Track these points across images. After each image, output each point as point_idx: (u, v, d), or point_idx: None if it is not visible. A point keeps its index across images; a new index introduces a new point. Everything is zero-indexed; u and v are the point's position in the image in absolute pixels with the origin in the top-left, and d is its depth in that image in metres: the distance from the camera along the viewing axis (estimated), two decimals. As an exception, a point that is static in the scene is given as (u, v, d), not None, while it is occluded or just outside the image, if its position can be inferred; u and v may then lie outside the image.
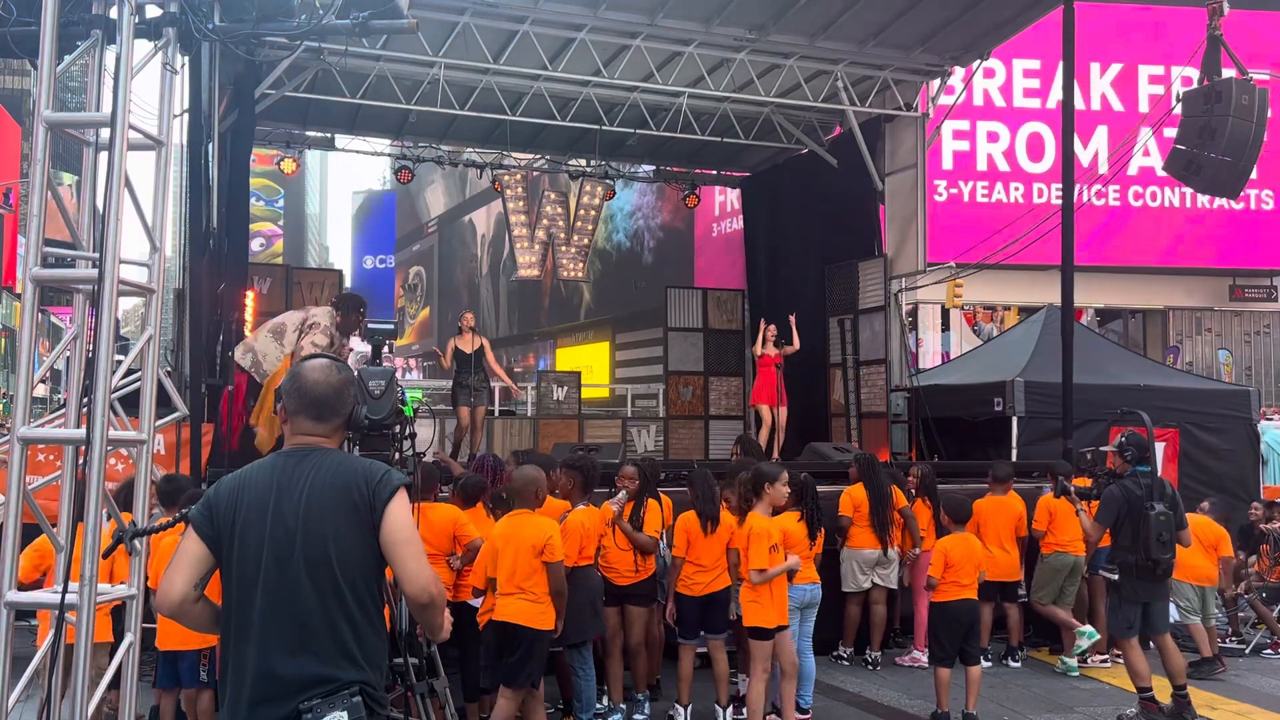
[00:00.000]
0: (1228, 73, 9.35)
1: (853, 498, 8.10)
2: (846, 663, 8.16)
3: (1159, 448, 11.41)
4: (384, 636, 2.78)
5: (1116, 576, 6.94)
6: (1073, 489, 7.47)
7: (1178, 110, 9.71)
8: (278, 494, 2.68)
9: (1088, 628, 7.94)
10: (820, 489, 6.91)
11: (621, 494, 6.54)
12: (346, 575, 2.63)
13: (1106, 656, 8.27)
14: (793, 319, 12.15)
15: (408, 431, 4.27)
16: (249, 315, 10.67)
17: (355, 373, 4.29)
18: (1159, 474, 7.05)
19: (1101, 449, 7.35)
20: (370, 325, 4.72)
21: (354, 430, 2.99)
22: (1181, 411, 11.60)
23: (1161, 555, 6.57)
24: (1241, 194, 11.37)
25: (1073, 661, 8.04)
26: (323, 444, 2.81)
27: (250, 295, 11.00)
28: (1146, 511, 6.60)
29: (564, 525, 6.37)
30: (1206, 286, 22.24)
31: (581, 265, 15.66)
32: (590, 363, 31.65)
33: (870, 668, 8.06)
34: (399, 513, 2.68)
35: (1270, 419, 14.80)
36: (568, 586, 6.21)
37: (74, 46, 4.55)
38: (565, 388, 15.65)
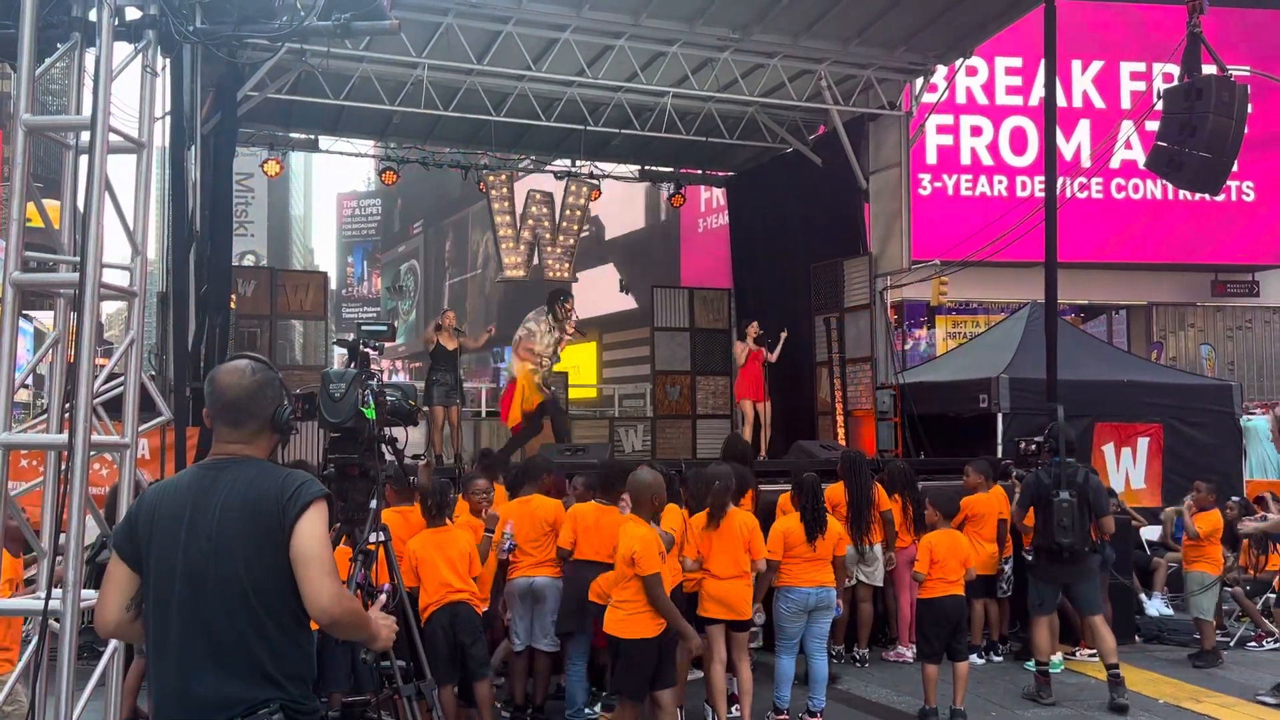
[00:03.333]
0: (1209, 69, 9.42)
1: (830, 498, 8.12)
2: (836, 660, 8.17)
3: (1143, 443, 11.52)
4: (309, 650, 2.73)
5: (1031, 559, 7.55)
6: (1014, 473, 7.81)
7: (1159, 107, 9.77)
8: (192, 510, 2.65)
9: (1057, 656, 7.98)
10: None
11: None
12: (260, 594, 2.59)
13: (1094, 651, 8.31)
14: (783, 334, 12.23)
15: (374, 433, 4.24)
16: (232, 318, 10.62)
17: (326, 371, 4.29)
18: (1075, 463, 7.44)
19: (1035, 440, 7.83)
20: (364, 328, 4.70)
21: (279, 433, 2.83)
22: (1165, 406, 11.67)
23: (1063, 539, 7.04)
24: (1222, 189, 11.41)
25: (1057, 657, 8.08)
26: (244, 452, 2.75)
27: (233, 298, 10.95)
28: (1051, 498, 7.09)
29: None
30: (1189, 282, 22.39)
31: (568, 266, 15.62)
32: (577, 363, 31.64)
33: (859, 665, 8.08)
34: (307, 530, 2.61)
35: (1253, 413, 14.92)
36: None
37: (53, 49, 4.53)
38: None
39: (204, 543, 2.61)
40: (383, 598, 3.45)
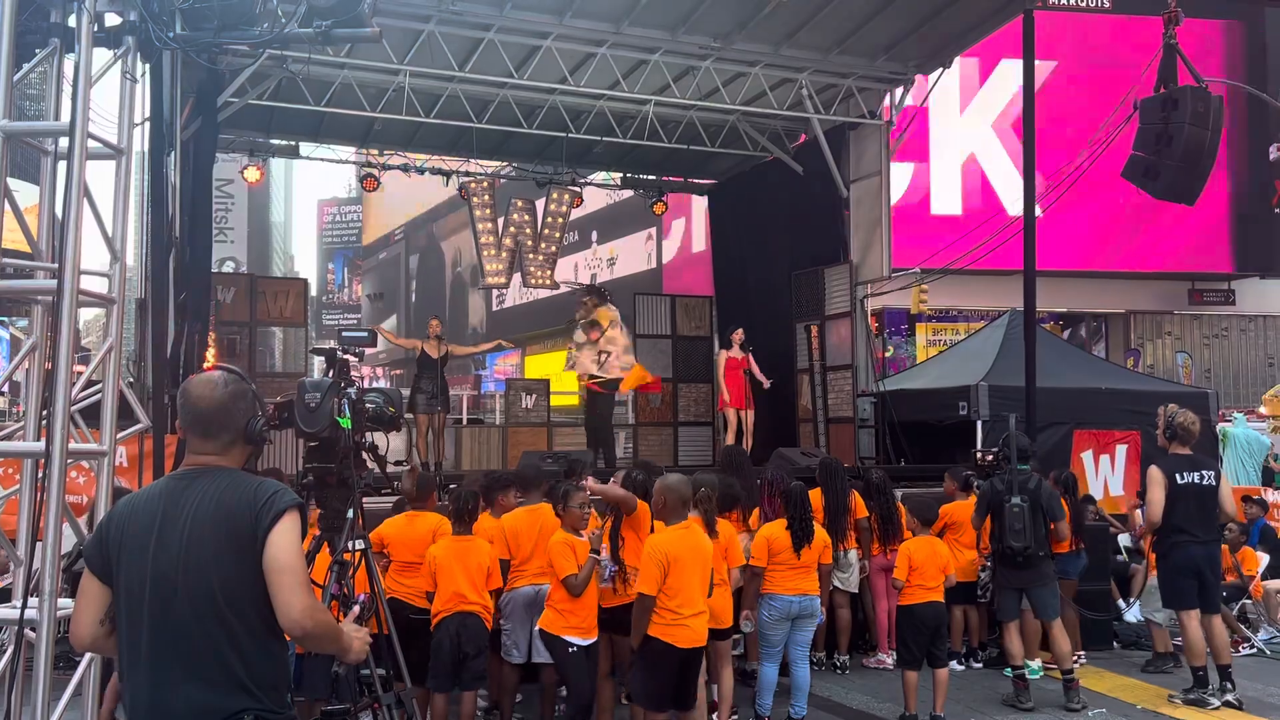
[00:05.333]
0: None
1: None
2: (817, 667, 8.18)
3: (1121, 450, 11.60)
4: (282, 658, 2.73)
5: (990, 565, 7.79)
6: (975, 484, 8.00)
7: (1135, 118, 9.87)
8: (162, 522, 2.64)
9: (1036, 662, 8.00)
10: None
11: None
12: (232, 604, 2.59)
13: (1077, 656, 8.36)
14: (766, 384, 12.24)
15: (350, 442, 4.22)
16: (211, 326, 10.58)
17: (303, 382, 4.27)
18: (1028, 470, 7.60)
19: (992, 450, 8.00)
20: (345, 334, 4.68)
21: (252, 444, 2.82)
22: (1142, 414, 11.71)
23: (1015, 543, 7.20)
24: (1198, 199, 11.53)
25: (1036, 664, 8.12)
26: (215, 463, 2.74)
27: (212, 305, 10.90)
28: (1003, 504, 7.23)
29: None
30: (1166, 291, 22.60)
31: (549, 273, 15.63)
32: (559, 370, 31.59)
33: (839, 671, 8.10)
34: (279, 540, 2.60)
35: (1229, 419, 15.07)
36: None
37: (32, 54, 4.50)
38: (533, 395, 15.58)
39: (173, 553, 2.60)
40: (356, 609, 3.44)
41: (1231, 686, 7.19)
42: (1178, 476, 7.22)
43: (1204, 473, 7.30)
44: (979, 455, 8.08)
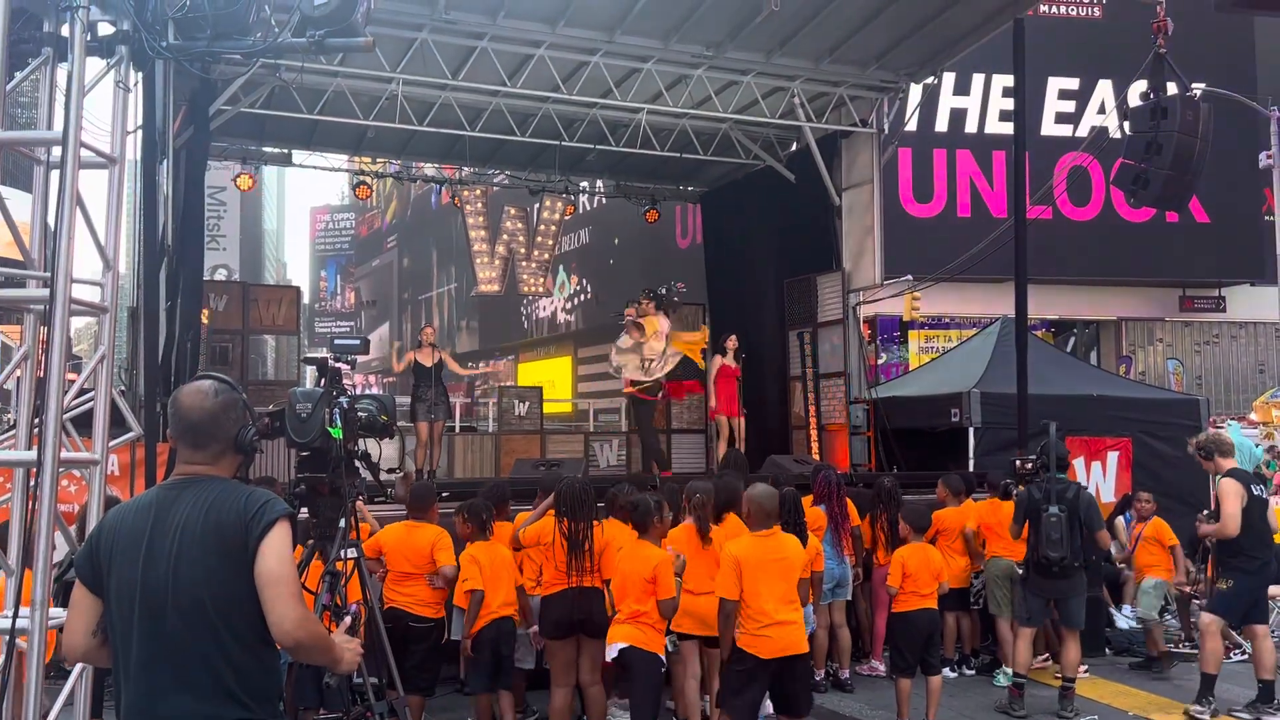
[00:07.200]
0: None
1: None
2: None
3: (1113, 457, 11.63)
4: (274, 667, 2.73)
5: (1021, 572, 7.64)
6: (1014, 492, 7.91)
7: (1126, 125, 9.92)
8: (151, 533, 2.64)
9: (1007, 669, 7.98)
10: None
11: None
12: (223, 614, 2.58)
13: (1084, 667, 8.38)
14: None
15: (341, 452, 4.22)
16: (204, 333, 10.56)
17: (295, 392, 4.27)
18: (1070, 479, 7.63)
19: (1031, 457, 7.89)
20: (337, 342, 4.69)
21: (243, 453, 2.81)
22: (1134, 421, 11.79)
23: (1051, 553, 7.11)
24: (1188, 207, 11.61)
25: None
26: (205, 472, 2.73)
27: (205, 313, 10.88)
28: (1041, 512, 7.17)
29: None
30: (1157, 298, 22.67)
31: (542, 280, 15.67)
32: (552, 377, 31.61)
33: (830, 678, 8.09)
34: (270, 551, 2.59)
35: (1220, 426, 15.11)
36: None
37: (25, 64, 4.51)
38: (527, 403, 15.59)
39: (163, 563, 2.60)
40: (348, 619, 3.44)
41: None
42: (1252, 488, 7.08)
43: (1261, 486, 7.26)
44: (1018, 462, 7.99)
